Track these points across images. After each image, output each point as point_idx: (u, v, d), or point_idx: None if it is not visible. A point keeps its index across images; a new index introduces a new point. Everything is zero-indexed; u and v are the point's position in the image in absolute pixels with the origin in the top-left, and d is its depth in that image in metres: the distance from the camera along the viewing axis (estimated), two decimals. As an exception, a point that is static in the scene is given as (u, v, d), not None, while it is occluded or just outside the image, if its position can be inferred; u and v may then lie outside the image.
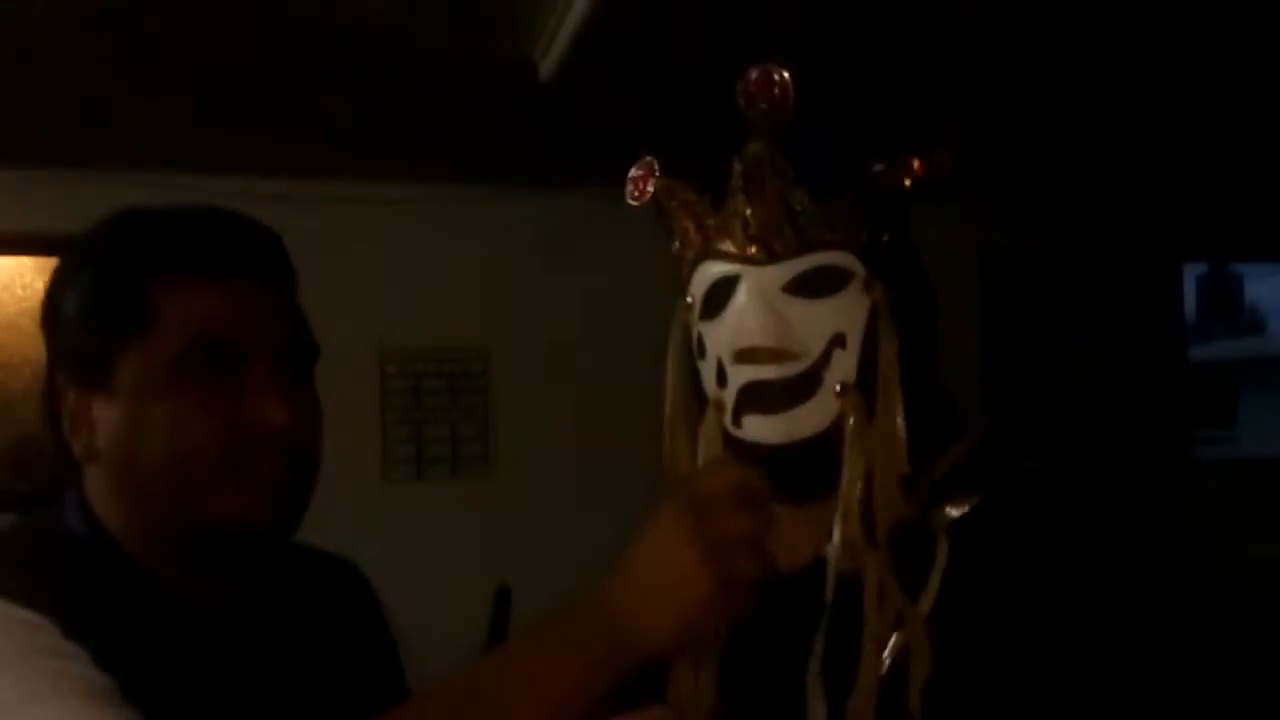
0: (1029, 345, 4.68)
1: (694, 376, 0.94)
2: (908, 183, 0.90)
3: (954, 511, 0.87)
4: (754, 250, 0.88)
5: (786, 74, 0.88)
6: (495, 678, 0.77)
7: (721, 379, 0.90)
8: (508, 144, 3.50)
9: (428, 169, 3.76)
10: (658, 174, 0.94)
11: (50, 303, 0.91)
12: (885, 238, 0.91)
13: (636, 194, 0.95)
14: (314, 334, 0.94)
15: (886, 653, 0.84)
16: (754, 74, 0.89)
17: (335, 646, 0.97)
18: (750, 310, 0.87)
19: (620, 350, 3.42)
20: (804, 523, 0.89)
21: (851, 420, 0.87)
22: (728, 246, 0.89)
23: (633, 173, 0.95)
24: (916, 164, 0.89)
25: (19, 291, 3.73)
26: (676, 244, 0.95)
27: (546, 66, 2.67)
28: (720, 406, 0.90)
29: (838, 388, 0.87)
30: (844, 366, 0.87)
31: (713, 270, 0.91)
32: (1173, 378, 4.94)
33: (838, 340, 0.87)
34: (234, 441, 0.85)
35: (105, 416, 0.87)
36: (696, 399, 0.93)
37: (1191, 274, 6.44)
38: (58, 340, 0.91)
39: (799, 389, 0.87)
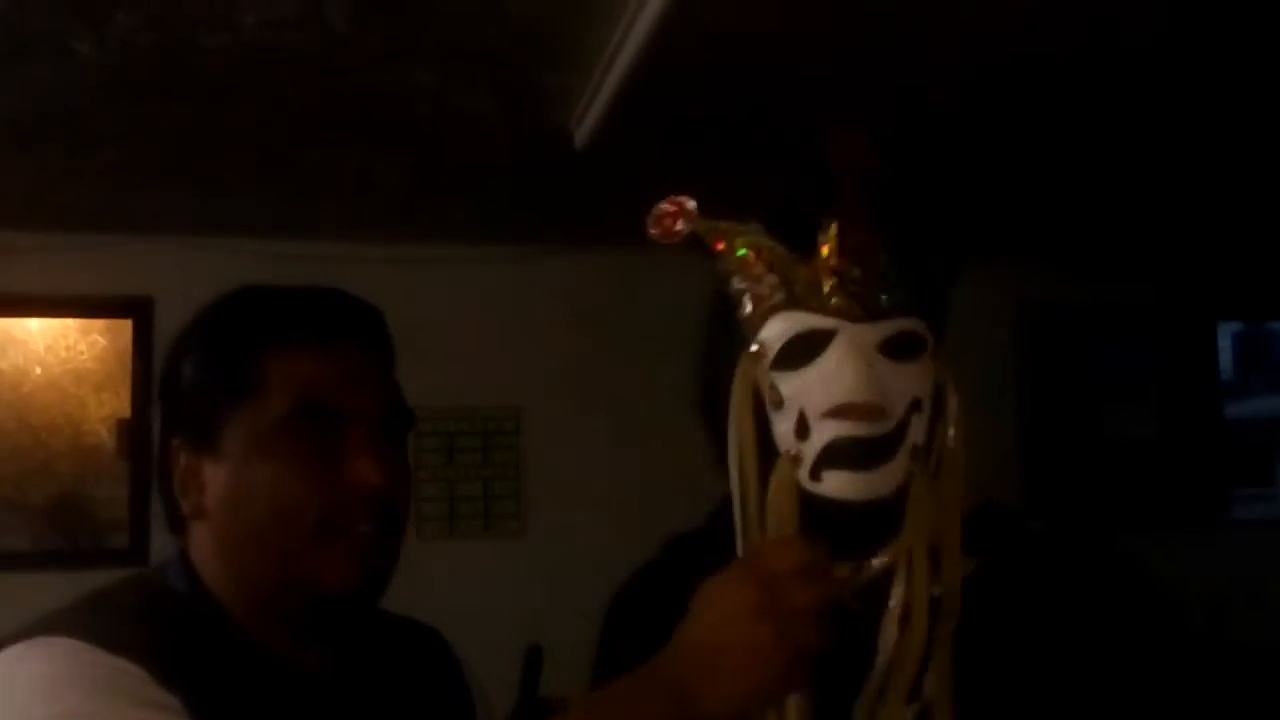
0: (1064, 402, 4.65)
1: (763, 427, 0.92)
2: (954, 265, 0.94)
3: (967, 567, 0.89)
4: (852, 307, 0.88)
5: (871, 140, 0.90)
6: None
7: (803, 432, 0.88)
8: (541, 207, 3.56)
9: (460, 230, 3.82)
10: (694, 214, 0.92)
11: (168, 373, 0.98)
12: (943, 312, 0.94)
13: (661, 232, 0.93)
14: (408, 403, 1.00)
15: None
16: (846, 135, 0.90)
17: (424, 713, 1.01)
18: (850, 366, 0.87)
19: (651, 409, 3.44)
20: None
21: (918, 482, 0.88)
22: (818, 300, 0.89)
23: (661, 207, 0.93)
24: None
25: (62, 353, 3.80)
26: (743, 289, 0.92)
27: (581, 134, 2.73)
28: (797, 460, 0.88)
29: (911, 449, 0.88)
30: (919, 430, 0.89)
31: (795, 322, 0.89)
32: (1209, 435, 4.89)
33: (916, 404, 0.89)
34: (332, 500, 0.89)
35: (214, 477, 0.92)
36: (765, 451, 0.91)
37: (1228, 331, 6.38)
38: (174, 407, 0.97)
39: (884, 449, 0.87)
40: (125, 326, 3.77)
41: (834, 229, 0.89)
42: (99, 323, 3.79)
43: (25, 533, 3.72)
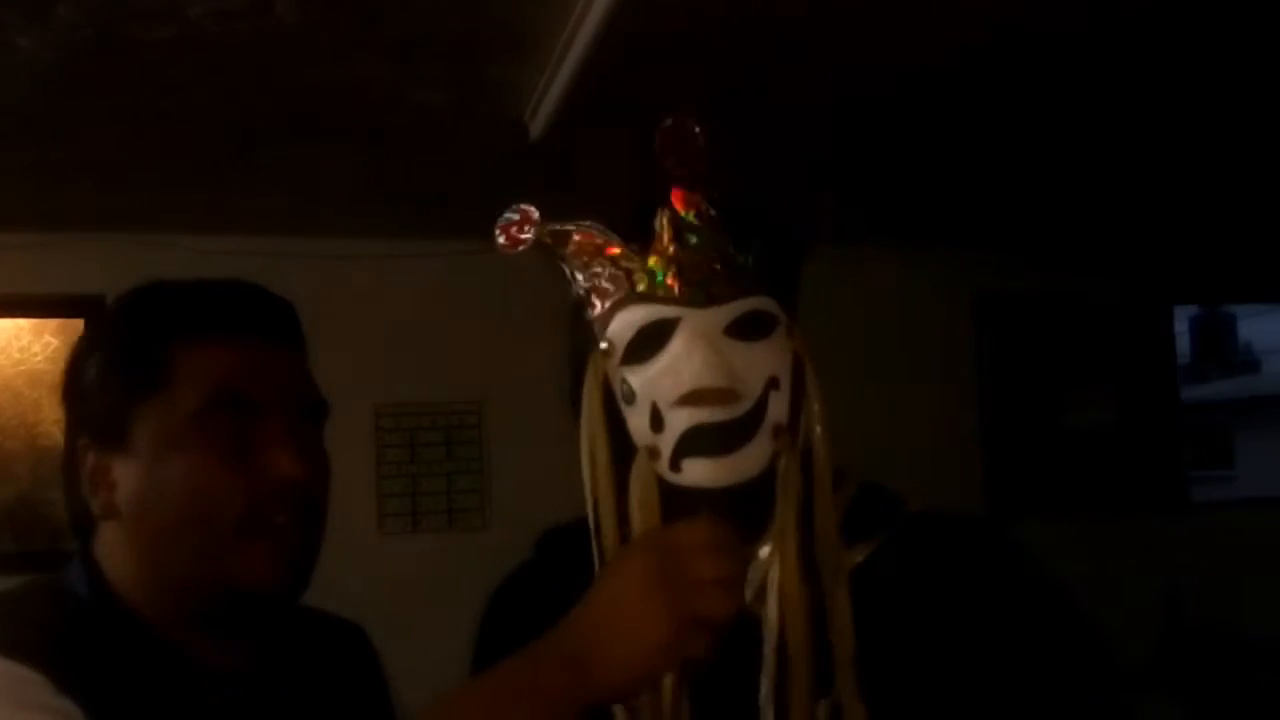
0: (1023, 391, 4.69)
1: (616, 425, 0.91)
2: (807, 237, 0.94)
3: (855, 557, 0.90)
4: (694, 293, 0.88)
5: (699, 128, 0.90)
6: (455, 717, 0.79)
7: (657, 424, 0.88)
8: (499, 201, 3.52)
9: (420, 226, 3.80)
10: (537, 221, 0.93)
11: (73, 370, 0.95)
12: (795, 289, 0.94)
13: (507, 241, 0.93)
14: (323, 393, 0.98)
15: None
16: (670, 126, 0.90)
17: (338, 711, 0.99)
18: (696, 352, 0.87)
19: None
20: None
21: (784, 462, 0.88)
22: (660, 290, 0.89)
23: (505, 218, 0.93)
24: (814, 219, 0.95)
25: (15, 354, 3.75)
26: (582, 290, 0.93)
27: (536, 126, 2.72)
28: (655, 453, 0.88)
29: (773, 429, 0.88)
30: (779, 408, 0.88)
31: (639, 314, 0.89)
32: (1167, 419, 4.95)
33: (773, 382, 0.88)
34: (250, 494, 0.87)
35: (124, 475, 0.90)
36: (620, 448, 0.91)
37: (1184, 315, 6.47)
38: (79, 405, 0.94)
39: (742, 430, 0.87)
40: (78, 326, 3.71)
41: (665, 217, 0.89)
42: (51, 323, 3.74)
43: (-20, 536, 3.67)
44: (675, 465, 0.87)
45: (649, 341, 0.89)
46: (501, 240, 0.93)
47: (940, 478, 3.46)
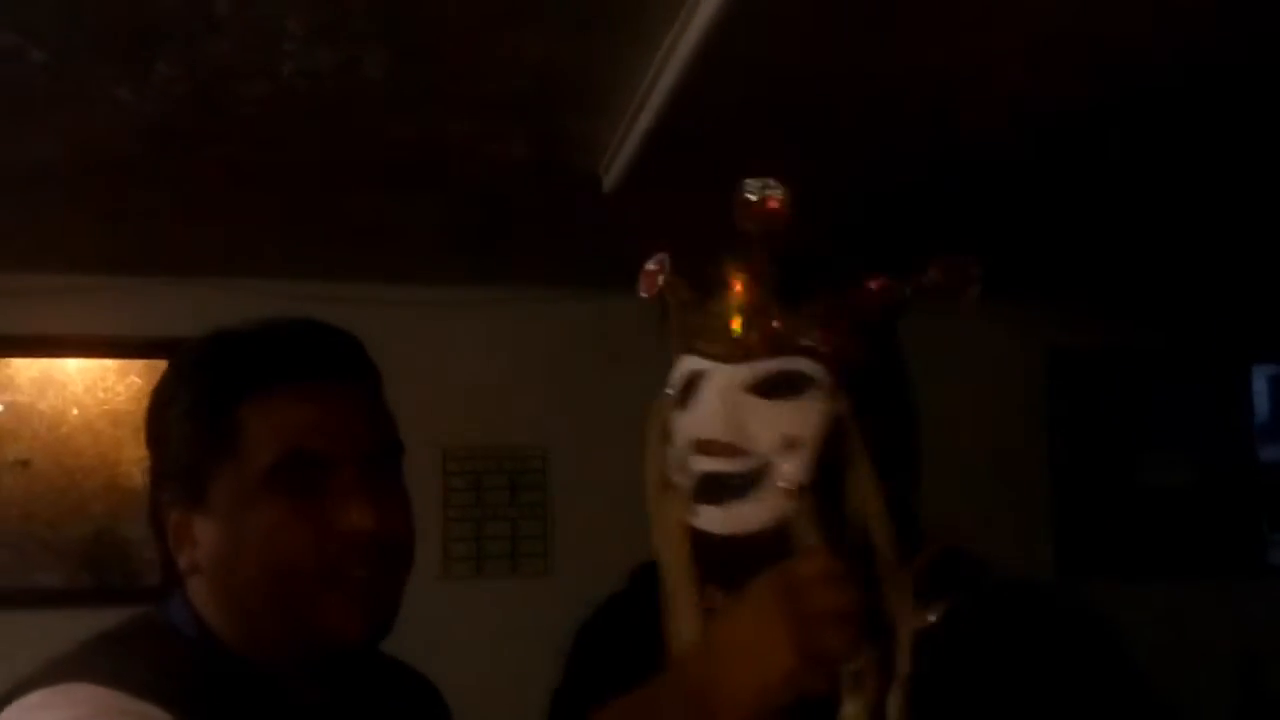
0: (1096, 448, 4.61)
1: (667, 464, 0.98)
2: (883, 304, 0.94)
3: (925, 619, 0.90)
4: (725, 349, 0.93)
5: (780, 191, 0.94)
6: None
7: (683, 467, 0.94)
8: (568, 249, 3.59)
9: (489, 272, 3.87)
10: (668, 270, 0.99)
11: (151, 423, 0.95)
12: (862, 353, 0.93)
13: (646, 288, 1.01)
14: (398, 433, 0.97)
15: None
16: (751, 189, 0.95)
17: None
18: (711, 404, 0.92)
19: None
20: None
21: (799, 521, 0.89)
22: (703, 344, 0.95)
23: (647, 267, 1.01)
24: (887, 288, 0.94)
25: (100, 394, 3.86)
26: (667, 338, 1.01)
27: (609, 179, 2.77)
28: (680, 492, 0.94)
29: (784, 486, 0.90)
30: (794, 468, 0.90)
31: (689, 364, 0.96)
32: (1245, 479, 4.83)
33: (789, 441, 0.90)
34: (325, 550, 0.87)
35: (205, 533, 0.90)
36: (670, 485, 0.97)
37: (1264, 375, 6.31)
38: (160, 461, 0.95)
39: (741, 485, 0.90)
40: (162, 366, 3.81)
41: (726, 273, 0.94)
42: (136, 363, 3.84)
43: (59, 571, 3.77)
44: (694, 508, 0.93)
45: (689, 391, 0.95)
46: (644, 288, 1.01)
47: (1011, 536, 3.41)
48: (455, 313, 3.98)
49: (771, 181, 0.95)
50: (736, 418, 0.91)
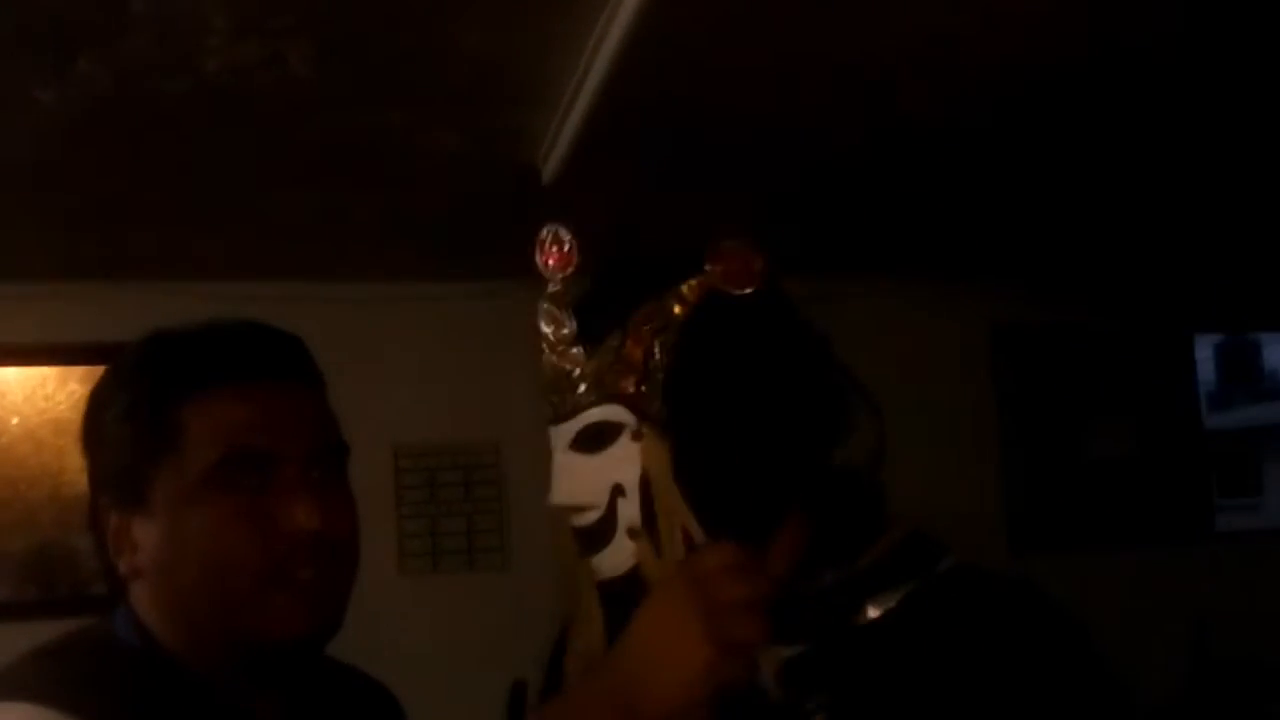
0: (1043, 423, 4.66)
1: None
2: (655, 332, 0.90)
3: (872, 612, 0.89)
4: (551, 410, 0.95)
5: (569, 235, 0.93)
6: None
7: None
8: (513, 243, 3.56)
9: (435, 268, 3.83)
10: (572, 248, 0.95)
11: (88, 427, 0.94)
12: (661, 376, 0.90)
13: (559, 265, 0.95)
14: (342, 433, 0.96)
15: None
16: (543, 234, 0.94)
17: None
18: (554, 466, 0.94)
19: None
20: None
21: (644, 566, 0.90)
22: (545, 404, 0.96)
23: (546, 244, 0.95)
24: (650, 313, 0.90)
25: (40, 403, 3.79)
26: None
27: (549, 170, 2.75)
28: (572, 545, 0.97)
29: (628, 528, 0.90)
30: (629, 513, 0.90)
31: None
32: (1191, 448, 4.91)
33: (618, 490, 0.91)
34: (270, 550, 0.86)
35: (145, 536, 0.89)
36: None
37: (1208, 343, 6.43)
38: (97, 464, 0.93)
39: (598, 536, 0.91)
40: (101, 373, 3.75)
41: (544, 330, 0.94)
42: (76, 370, 3.77)
43: (4, 584, 3.70)
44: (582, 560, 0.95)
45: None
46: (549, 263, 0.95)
47: (962, 511, 3.43)
48: (401, 309, 3.94)
49: (561, 230, 0.93)
50: (569, 478, 0.92)
